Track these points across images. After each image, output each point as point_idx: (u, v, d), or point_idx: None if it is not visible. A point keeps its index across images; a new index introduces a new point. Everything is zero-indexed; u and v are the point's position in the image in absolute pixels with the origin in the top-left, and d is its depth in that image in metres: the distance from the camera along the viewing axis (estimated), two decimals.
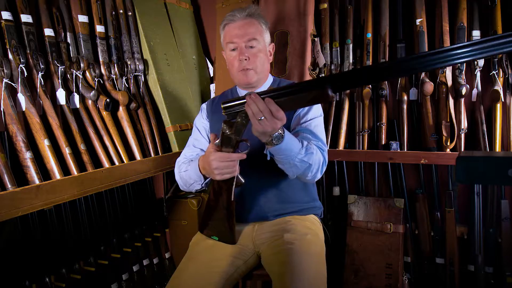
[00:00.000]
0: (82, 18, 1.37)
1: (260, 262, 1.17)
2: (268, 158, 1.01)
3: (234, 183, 1.03)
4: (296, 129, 1.15)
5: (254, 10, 1.21)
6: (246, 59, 1.17)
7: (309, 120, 1.17)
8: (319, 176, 1.10)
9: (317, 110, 1.21)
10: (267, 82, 1.28)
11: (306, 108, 1.19)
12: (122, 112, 1.47)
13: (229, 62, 1.23)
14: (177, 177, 1.24)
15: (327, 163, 1.12)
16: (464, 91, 1.50)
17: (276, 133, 0.92)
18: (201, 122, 1.32)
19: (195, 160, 1.14)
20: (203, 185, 1.15)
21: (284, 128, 0.95)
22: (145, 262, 1.78)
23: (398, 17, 1.67)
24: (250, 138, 1.00)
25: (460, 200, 1.67)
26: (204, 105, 1.35)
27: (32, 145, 1.15)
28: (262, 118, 0.87)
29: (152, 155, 1.56)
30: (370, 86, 1.68)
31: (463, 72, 1.54)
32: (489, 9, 1.49)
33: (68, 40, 1.34)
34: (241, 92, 1.29)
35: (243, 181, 1.04)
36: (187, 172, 1.16)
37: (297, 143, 1.00)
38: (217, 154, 0.99)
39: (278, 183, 1.19)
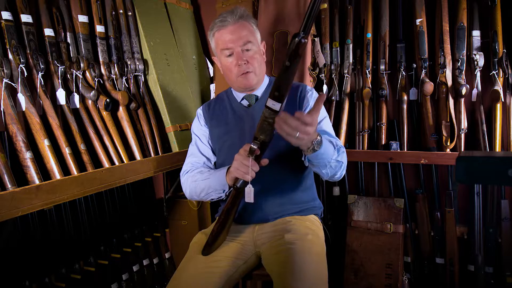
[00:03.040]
0: (82, 18, 1.37)
1: (260, 262, 1.17)
2: (306, 165, 1.03)
3: (240, 187, 1.03)
4: None
5: (243, 12, 1.18)
6: (245, 63, 1.16)
7: (320, 122, 1.18)
8: (343, 173, 1.12)
9: (323, 111, 1.22)
10: (264, 83, 1.27)
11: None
12: (122, 112, 1.47)
13: (226, 68, 1.21)
14: (187, 186, 1.22)
15: None
16: (464, 91, 1.50)
17: (316, 140, 0.93)
18: (200, 129, 1.30)
19: (220, 170, 1.12)
20: (226, 193, 1.13)
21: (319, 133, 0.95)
22: (145, 262, 1.78)
23: (398, 17, 1.67)
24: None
25: (460, 200, 1.67)
26: (200, 111, 1.33)
27: (32, 145, 1.15)
28: (298, 134, 0.85)
29: (152, 155, 1.56)
30: (370, 86, 1.69)
31: (463, 72, 1.54)
32: (489, 9, 1.49)
33: (68, 40, 1.34)
34: (238, 95, 1.27)
35: (239, 186, 1.02)
36: (207, 181, 1.14)
37: (331, 145, 1.01)
38: (245, 145, 0.99)
39: (279, 186, 1.19)
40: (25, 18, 1.19)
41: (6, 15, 1.13)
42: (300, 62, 0.86)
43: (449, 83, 1.56)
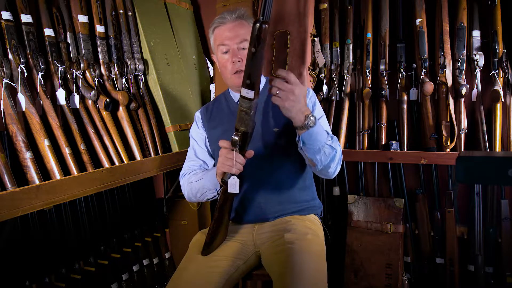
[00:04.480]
0: (82, 18, 1.37)
1: (260, 262, 1.17)
2: (300, 146, 1.04)
3: (227, 181, 1.02)
4: None
5: (244, 12, 1.20)
6: (239, 61, 1.16)
7: (317, 120, 1.18)
8: (338, 168, 1.13)
9: (320, 110, 1.23)
10: (261, 84, 1.27)
11: (310, 108, 1.19)
12: (122, 112, 1.47)
13: (221, 65, 1.22)
14: (185, 188, 1.24)
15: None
16: (464, 91, 1.50)
17: (308, 115, 0.97)
18: (198, 133, 1.31)
19: (212, 169, 1.13)
20: (218, 191, 1.14)
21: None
22: (145, 262, 1.78)
23: (398, 17, 1.68)
24: (253, 141, 1.02)
25: (460, 200, 1.67)
26: (198, 114, 1.34)
27: (32, 145, 1.15)
28: (296, 91, 0.92)
29: (152, 155, 1.56)
30: (370, 86, 1.69)
31: (463, 72, 1.54)
32: (489, 9, 1.49)
33: (68, 40, 1.34)
34: (235, 95, 1.28)
35: (227, 180, 1.01)
36: (201, 181, 1.16)
37: (324, 131, 1.05)
38: (222, 141, 1.00)
39: (278, 184, 1.19)
40: (25, 18, 1.19)
41: (6, 15, 1.13)
42: (264, 47, 0.88)
43: (449, 83, 1.56)
